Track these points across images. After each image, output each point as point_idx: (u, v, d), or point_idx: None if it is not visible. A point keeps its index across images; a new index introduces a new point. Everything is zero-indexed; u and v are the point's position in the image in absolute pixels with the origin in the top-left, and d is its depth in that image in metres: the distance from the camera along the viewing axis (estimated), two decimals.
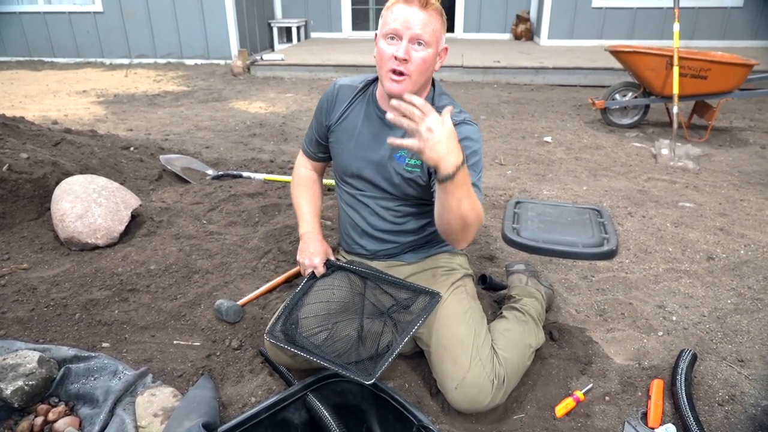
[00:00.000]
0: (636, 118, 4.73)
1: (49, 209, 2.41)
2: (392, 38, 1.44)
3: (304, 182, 1.85)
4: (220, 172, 3.26)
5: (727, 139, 4.46)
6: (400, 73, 1.44)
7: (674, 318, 2.02)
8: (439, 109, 1.39)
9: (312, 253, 1.70)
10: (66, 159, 2.85)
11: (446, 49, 1.50)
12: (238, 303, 1.92)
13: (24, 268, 2.14)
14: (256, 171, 3.35)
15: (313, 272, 1.70)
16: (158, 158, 3.34)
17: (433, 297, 1.58)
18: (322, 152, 1.81)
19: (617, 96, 4.69)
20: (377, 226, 1.70)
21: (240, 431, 1.34)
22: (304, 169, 1.87)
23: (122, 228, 2.34)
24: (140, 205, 2.52)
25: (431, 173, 1.49)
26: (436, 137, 1.16)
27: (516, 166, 3.77)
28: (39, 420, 1.49)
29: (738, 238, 2.65)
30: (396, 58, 1.42)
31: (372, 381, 1.37)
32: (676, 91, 4.08)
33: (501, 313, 1.78)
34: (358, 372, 1.42)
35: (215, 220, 2.59)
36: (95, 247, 2.27)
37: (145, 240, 2.34)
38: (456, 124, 1.36)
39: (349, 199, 1.73)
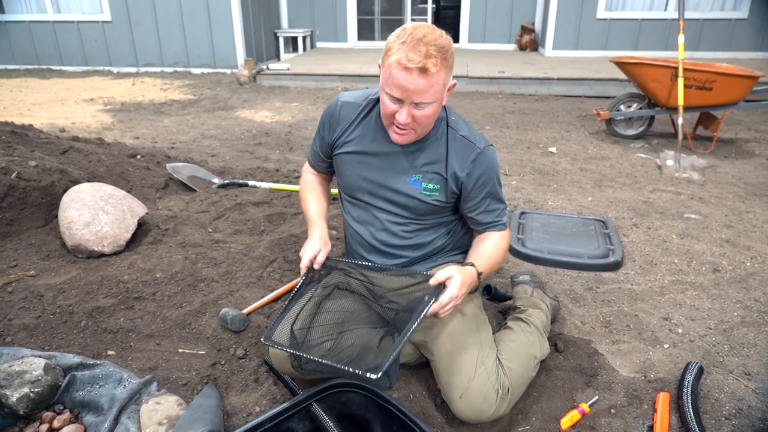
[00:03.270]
0: (641, 129, 4.73)
1: (57, 217, 2.43)
2: (392, 99, 1.40)
3: (311, 185, 1.85)
4: (226, 181, 3.27)
5: (733, 150, 4.45)
6: (404, 129, 1.45)
7: (680, 330, 2.01)
8: (453, 137, 1.56)
9: (308, 243, 1.62)
10: (73, 167, 2.87)
11: (454, 84, 1.46)
12: (243, 312, 1.92)
13: (31, 275, 2.15)
14: (261, 180, 3.37)
15: (309, 275, 1.62)
16: (165, 166, 3.36)
17: (436, 290, 1.48)
18: (326, 166, 1.81)
19: (622, 107, 4.70)
20: (386, 242, 1.68)
21: None
22: (310, 174, 1.87)
23: (129, 236, 2.35)
24: (147, 213, 2.53)
25: (449, 194, 1.58)
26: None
27: (521, 177, 3.78)
28: (44, 427, 1.49)
29: (744, 250, 2.64)
30: (398, 120, 1.41)
31: (380, 374, 1.31)
32: (681, 102, 4.08)
33: (506, 323, 1.78)
34: (364, 368, 1.37)
35: (221, 228, 2.61)
36: (102, 255, 2.28)
37: (151, 248, 2.35)
38: (480, 153, 1.54)
39: (356, 214, 1.71)
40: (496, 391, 1.47)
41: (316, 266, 1.60)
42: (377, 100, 1.60)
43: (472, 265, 1.51)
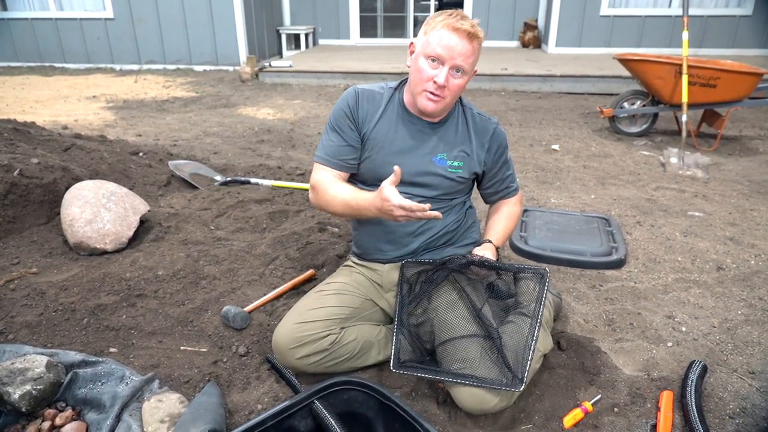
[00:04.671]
0: (644, 127, 4.71)
1: (59, 214, 2.43)
2: (434, 61, 1.50)
3: (330, 181, 1.65)
4: (228, 178, 3.27)
5: (737, 147, 4.43)
6: (437, 95, 1.53)
7: (684, 329, 2.00)
8: (470, 115, 1.71)
9: (380, 199, 1.44)
10: (76, 164, 2.87)
11: (476, 71, 1.59)
12: (245, 309, 1.92)
13: (33, 272, 2.15)
14: (263, 177, 3.36)
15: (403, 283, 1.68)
16: (167, 164, 3.36)
17: (541, 276, 1.63)
18: (353, 160, 1.68)
19: (625, 104, 4.68)
20: (401, 230, 1.71)
21: None
22: (325, 173, 1.67)
23: (131, 233, 2.35)
24: (149, 211, 2.53)
25: (471, 171, 1.70)
26: None
27: (524, 174, 3.76)
28: (46, 425, 1.49)
29: (748, 248, 2.63)
30: (435, 83, 1.50)
31: (523, 386, 1.44)
32: (685, 99, 4.06)
33: (510, 320, 1.77)
34: (502, 383, 1.45)
35: (223, 226, 2.60)
36: (104, 252, 2.28)
37: (154, 245, 2.35)
38: (496, 126, 1.72)
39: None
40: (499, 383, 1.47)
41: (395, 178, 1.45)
42: (395, 89, 1.71)
43: (491, 241, 1.74)
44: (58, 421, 1.51)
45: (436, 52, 1.48)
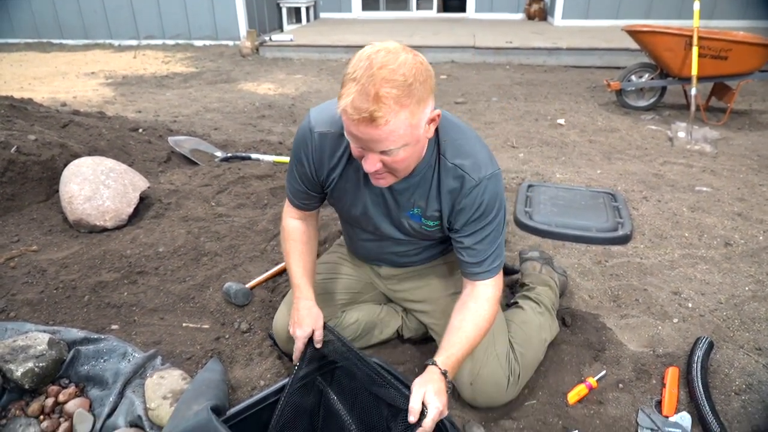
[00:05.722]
0: (652, 101, 4.62)
1: (58, 191, 2.40)
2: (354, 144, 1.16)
3: (293, 236, 1.51)
4: (229, 154, 3.23)
5: (747, 122, 4.35)
6: (380, 176, 1.21)
7: (690, 305, 1.97)
8: (444, 168, 1.27)
9: (296, 322, 1.39)
10: (74, 141, 2.83)
11: (438, 114, 1.17)
12: (247, 286, 1.90)
13: (33, 250, 2.14)
14: (264, 153, 3.32)
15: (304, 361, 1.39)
16: (167, 140, 3.32)
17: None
18: (314, 203, 1.50)
19: (633, 77, 4.58)
20: (392, 253, 1.56)
21: (249, 414, 1.33)
22: (292, 221, 1.52)
23: (131, 210, 2.33)
24: (149, 187, 2.50)
25: (448, 227, 1.36)
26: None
27: (528, 149, 3.71)
28: (50, 401, 1.49)
29: (757, 224, 2.59)
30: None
31: None
32: (694, 72, 3.97)
33: (516, 302, 1.74)
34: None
35: (224, 202, 2.58)
36: (104, 230, 2.26)
37: (154, 222, 2.33)
38: (477, 183, 1.26)
39: (358, 233, 1.56)
40: (507, 378, 1.45)
41: (296, 353, 1.38)
42: None
43: (436, 364, 1.24)
44: (61, 397, 1.51)
45: (349, 139, 1.15)
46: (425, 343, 1.71)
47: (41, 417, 1.46)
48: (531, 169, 3.31)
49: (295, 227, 1.52)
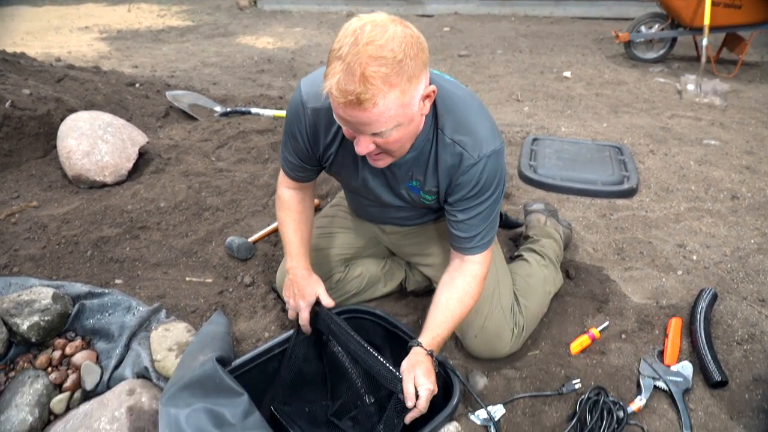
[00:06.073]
0: (661, 52, 4.50)
1: (56, 147, 2.37)
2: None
3: (289, 206, 1.46)
4: (228, 109, 3.17)
5: (758, 74, 4.24)
6: (376, 157, 1.15)
7: (695, 257, 1.96)
8: (442, 144, 1.19)
9: (297, 295, 1.38)
10: (69, 95, 2.78)
11: (434, 90, 1.08)
12: (249, 240, 1.90)
13: (34, 206, 2.12)
14: (264, 107, 3.26)
15: (298, 326, 1.40)
16: (164, 95, 3.25)
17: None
18: (310, 175, 1.43)
19: (643, 28, 4.45)
20: (395, 217, 1.51)
21: (254, 365, 1.34)
22: (287, 191, 1.47)
23: (130, 165, 2.30)
24: (147, 143, 2.47)
25: (445, 198, 1.30)
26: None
27: (533, 102, 3.64)
28: (57, 354, 1.50)
29: (764, 177, 2.55)
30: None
31: None
32: (707, 21, 3.84)
33: (521, 255, 1.73)
34: None
35: (224, 157, 2.54)
36: (104, 185, 2.24)
37: (154, 177, 2.30)
38: (476, 162, 1.18)
39: (360, 200, 1.51)
40: (511, 330, 1.45)
41: (302, 322, 1.38)
42: None
43: (421, 345, 1.23)
44: (68, 350, 1.52)
45: (339, 121, 1.08)
46: (429, 296, 1.69)
47: (49, 369, 1.48)
48: (536, 123, 3.25)
49: (291, 197, 1.47)
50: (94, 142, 2.23)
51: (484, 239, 1.29)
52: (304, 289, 1.37)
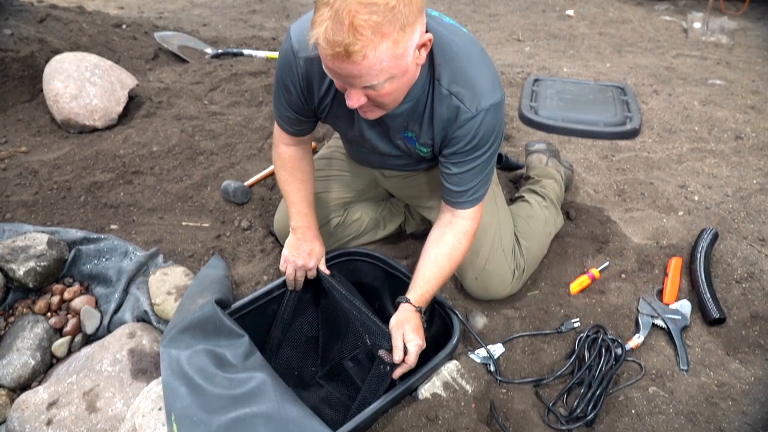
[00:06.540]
0: None
1: (42, 90, 2.29)
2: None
3: (290, 163, 1.40)
4: (220, 51, 3.06)
5: (767, 11, 4.10)
6: (367, 110, 1.09)
7: (696, 198, 1.95)
8: (439, 97, 1.12)
9: (307, 254, 1.35)
10: (53, 36, 2.66)
11: (430, 39, 1.00)
12: (246, 184, 1.86)
13: (23, 151, 2.07)
14: (257, 49, 3.14)
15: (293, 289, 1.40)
16: (153, 36, 3.13)
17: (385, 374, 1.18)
18: (308, 127, 1.37)
19: None
20: (394, 164, 1.45)
21: (254, 308, 1.34)
22: (286, 148, 1.40)
23: (120, 109, 2.23)
24: (137, 86, 2.38)
25: (440, 150, 1.25)
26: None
27: (535, 42, 3.52)
28: (55, 299, 1.50)
29: None
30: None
31: None
32: None
33: (522, 196, 1.71)
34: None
35: (217, 100, 2.47)
36: (94, 129, 2.18)
37: (146, 121, 2.24)
38: (473, 116, 1.11)
39: (358, 148, 1.45)
40: (512, 272, 1.44)
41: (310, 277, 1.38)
42: None
43: (409, 302, 1.21)
44: (66, 295, 1.52)
45: (328, 72, 1.01)
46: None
47: (48, 314, 1.48)
48: (537, 64, 3.15)
49: (291, 155, 1.40)
50: (82, 85, 2.16)
51: (477, 194, 1.24)
52: (314, 250, 1.36)
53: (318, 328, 1.45)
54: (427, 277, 1.24)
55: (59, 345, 1.42)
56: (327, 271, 1.38)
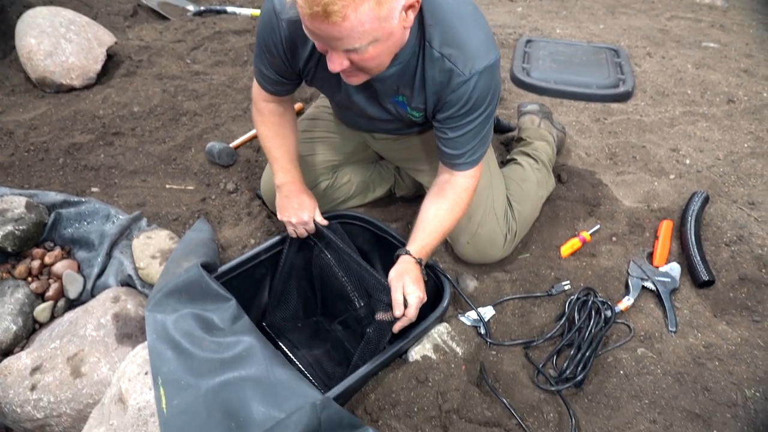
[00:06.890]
0: None
1: (15, 47, 2.19)
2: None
3: (270, 119, 1.35)
4: (202, 8, 2.94)
5: None
6: (350, 75, 1.03)
7: (687, 161, 1.93)
8: (429, 60, 1.06)
9: (298, 209, 1.32)
10: None
11: (408, 11, 0.94)
12: (231, 145, 1.81)
13: None
14: (241, 6, 3.03)
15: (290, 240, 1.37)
16: None
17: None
18: (289, 89, 1.31)
19: None
20: (384, 128, 1.42)
21: (241, 271, 1.32)
22: (265, 104, 1.34)
23: (98, 67, 2.14)
24: (116, 43, 2.29)
25: (433, 114, 1.20)
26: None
27: (527, 3, 3.43)
28: (36, 263, 1.46)
29: (762, 80, 2.48)
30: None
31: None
32: None
33: (514, 158, 1.68)
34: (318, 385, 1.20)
35: (200, 59, 2.38)
36: (71, 89, 2.10)
37: (125, 81, 2.16)
38: (467, 79, 1.06)
39: (346, 112, 1.40)
40: (504, 236, 1.43)
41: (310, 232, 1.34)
42: None
43: (409, 253, 1.19)
44: (47, 259, 1.48)
45: (307, 31, 0.93)
46: (418, 201, 1.64)
47: (29, 279, 1.45)
48: (529, 25, 3.08)
49: (270, 110, 1.34)
50: (57, 42, 2.06)
51: (475, 155, 1.20)
52: (303, 203, 1.32)
53: (316, 279, 1.42)
54: (428, 230, 1.22)
55: (41, 310, 1.39)
56: (324, 222, 1.34)
